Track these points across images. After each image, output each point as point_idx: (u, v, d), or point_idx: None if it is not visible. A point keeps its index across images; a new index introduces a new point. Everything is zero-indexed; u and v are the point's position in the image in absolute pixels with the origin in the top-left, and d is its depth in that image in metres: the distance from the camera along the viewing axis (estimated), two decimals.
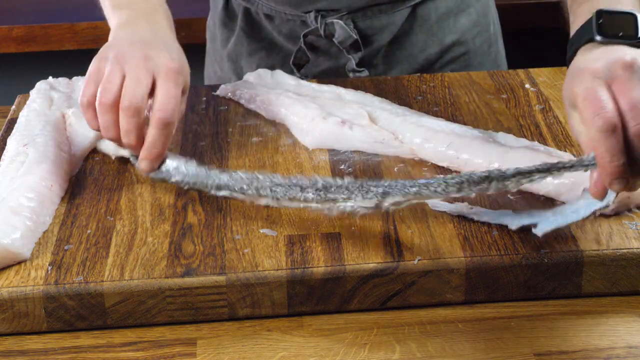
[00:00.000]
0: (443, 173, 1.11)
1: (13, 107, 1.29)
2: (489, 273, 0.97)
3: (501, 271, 0.97)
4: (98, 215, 1.05)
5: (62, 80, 1.29)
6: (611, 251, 0.97)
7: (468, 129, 1.15)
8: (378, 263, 0.96)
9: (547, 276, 0.97)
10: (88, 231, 1.03)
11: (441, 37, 1.44)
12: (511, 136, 1.14)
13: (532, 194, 1.06)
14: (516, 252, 0.97)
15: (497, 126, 1.20)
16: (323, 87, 1.26)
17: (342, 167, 1.13)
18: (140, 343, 0.94)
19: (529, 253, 0.97)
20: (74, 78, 1.30)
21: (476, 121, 1.22)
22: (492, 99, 1.27)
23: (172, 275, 0.96)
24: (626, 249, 0.98)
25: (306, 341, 0.94)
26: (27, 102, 1.23)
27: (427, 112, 1.21)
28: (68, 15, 2.17)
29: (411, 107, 1.22)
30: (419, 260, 0.97)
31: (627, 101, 0.92)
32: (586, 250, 0.97)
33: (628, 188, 0.94)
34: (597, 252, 0.97)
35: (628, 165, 0.92)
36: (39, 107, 1.21)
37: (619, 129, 0.91)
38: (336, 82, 1.28)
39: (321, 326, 0.96)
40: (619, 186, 0.93)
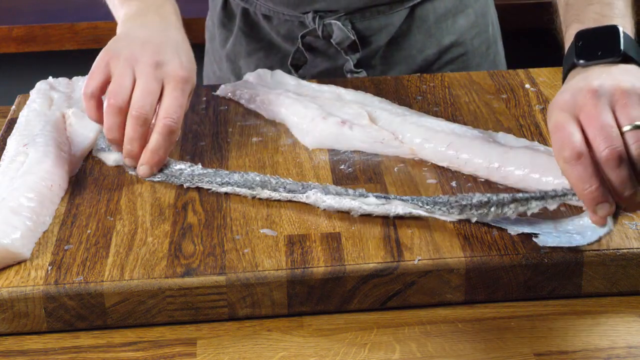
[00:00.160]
0: (443, 173, 1.11)
1: (13, 107, 1.29)
2: (489, 273, 0.97)
3: (501, 271, 0.97)
4: (98, 215, 1.05)
5: (62, 80, 1.29)
6: (611, 251, 0.97)
7: (468, 129, 1.15)
8: (378, 263, 0.96)
9: (547, 276, 0.97)
10: (88, 231, 1.03)
11: (439, 38, 1.44)
12: (511, 136, 1.14)
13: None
14: (516, 252, 0.97)
15: (497, 126, 1.20)
16: (323, 87, 1.26)
17: (342, 167, 1.13)
18: (140, 343, 0.94)
19: (529, 253, 0.97)
20: (74, 78, 1.30)
21: (476, 121, 1.22)
22: (492, 99, 1.27)
23: (172, 275, 0.96)
24: (626, 249, 0.98)
25: (306, 341, 0.94)
26: (27, 102, 1.23)
27: (427, 112, 1.21)
28: (68, 15, 2.17)
29: (411, 107, 1.22)
30: (419, 260, 0.97)
31: (595, 126, 0.91)
32: (586, 250, 0.97)
33: (623, 209, 0.94)
34: (597, 252, 0.97)
35: (608, 189, 0.91)
36: (39, 107, 1.21)
37: (585, 156, 0.90)
38: (336, 82, 1.28)
39: (321, 326, 0.96)
40: (604, 211, 0.92)
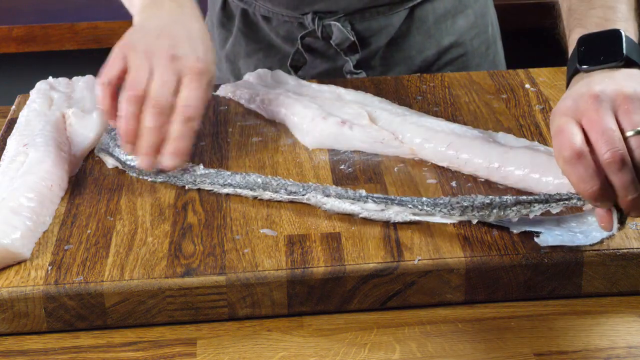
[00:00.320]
0: (443, 173, 1.11)
1: (13, 107, 1.29)
2: (489, 273, 0.97)
3: (501, 271, 0.97)
4: (98, 215, 1.05)
5: (62, 80, 1.29)
6: (611, 251, 0.97)
7: (468, 129, 1.15)
8: (378, 263, 0.96)
9: (547, 276, 0.97)
10: (88, 231, 1.03)
11: (439, 39, 1.44)
12: (511, 136, 1.14)
13: (532, 194, 1.06)
14: (516, 252, 0.97)
15: (497, 126, 1.20)
16: (323, 87, 1.26)
17: (342, 167, 1.13)
18: (140, 343, 0.94)
19: (529, 253, 0.97)
20: (74, 78, 1.30)
21: (476, 121, 1.22)
22: (492, 99, 1.27)
23: (172, 275, 0.96)
24: (626, 249, 0.98)
25: (306, 341, 0.94)
26: (27, 102, 1.23)
27: (427, 112, 1.21)
28: (68, 15, 2.17)
29: (411, 107, 1.22)
30: (419, 260, 0.97)
31: (597, 130, 0.91)
32: (586, 250, 0.97)
33: (627, 214, 0.94)
34: (597, 252, 0.97)
35: (610, 191, 0.91)
36: (39, 107, 1.21)
37: (586, 156, 0.91)
38: (336, 82, 1.28)
39: (321, 326, 0.96)
40: (606, 205, 0.93)
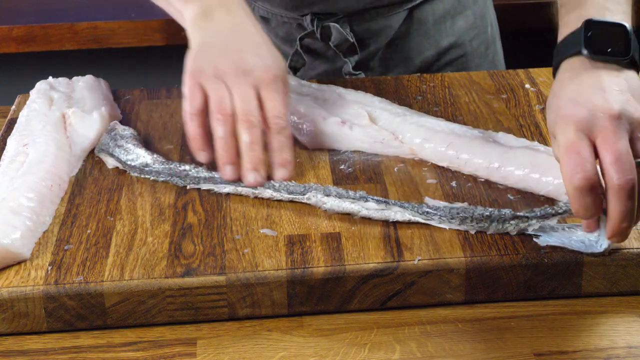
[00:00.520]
0: (443, 173, 1.11)
1: (13, 107, 1.29)
2: (489, 273, 0.97)
3: (501, 271, 0.97)
4: (98, 215, 1.05)
5: (62, 80, 1.29)
6: (611, 251, 0.97)
7: (468, 129, 1.15)
8: (378, 263, 0.96)
9: (547, 276, 0.97)
10: (88, 231, 1.03)
11: (438, 40, 1.44)
12: (511, 136, 1.14)
13: (533, 194, 1.06)
14: (516, 252, 0.97)
15: (497, 126, 1.20)
16: (323, 87, 1.26)
17: (342, 167, 1.13)
18: (140, 343, 0.94)
19: (529, 253, 0.97)
20: (74, 78, 1.30)
21: (476, 121, 1.22)
22: (492, 99, 1.27)
23: (172, 275, 0.96)
24: (626, 249, 0.98)
25: (306, 341, 0.94)
26: (27, 102, 1.23)
27: (427, 112, 1.21)
28: (68, 15, 2.17)
29: (411, 107, 1.22)
30: (419, 260, 0.97)
31: (612, 153, 0.90)
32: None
33: (622, 240, 0.95)
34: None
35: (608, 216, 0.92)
36: (39, 107, 1.21)
37: (597, 188, 0.90)
38: (336, 82, 1.28)
39: (321, 326, 0.96)
40: (591, 228, 0.96)
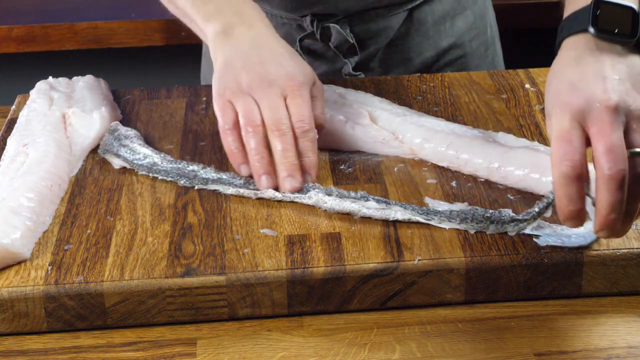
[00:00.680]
0: (443, 173, 1.11)
1: (13, 107, 1.29)
2: (489, 273, 0.97)
3: (501, 271, 0.97)
4: (98, 215, 1.05)
5: (62, 80, 1.29)
6: (611, 251, 0.97)
7: (468, 129, 1.15)
8: (378, 263, 0.96)
9: (547, 276, 0.97)
10: (88, 231, 1.03)
11: (438, 41, 1.44)
12: (511, 136, 1.14)
13: (532, 194, 1.06)
14: (516, 252, 0.97)
15: (497, 126, 1.20)
16: (323, 87, 1.26)
17: (342, 167, 1.13)
18: (140, 343, 0.94)
19: (529, 253, 0.97)
20: (74, 78, 1.30)
21: (476, 121, 1.22)
22: (492, 99, 1.27)
23: (172, 275, 0.96)
24: (626, 249, 0.98)
25: (306, 341, 0.94)
26: (27, 102, 1.23)
27: (427, 112, 1.21)
28: (68, 15, 2.17)
29: (411, 107, 1.22)
30: (419, 260, 0.97)
31: (604, 144, 0.89)
32: (586, 250, 0.97)
33: (611, 235, 0.93)
34: (597, 252, 0.97)
35: (596, 207, 0.91)
36: (39, 107, 1.21)
37: (582, 179, 0.90)
38: (336, 82, 1.28)
39: (321, 326, 0.96)
40: (574, 225, 0.93)
